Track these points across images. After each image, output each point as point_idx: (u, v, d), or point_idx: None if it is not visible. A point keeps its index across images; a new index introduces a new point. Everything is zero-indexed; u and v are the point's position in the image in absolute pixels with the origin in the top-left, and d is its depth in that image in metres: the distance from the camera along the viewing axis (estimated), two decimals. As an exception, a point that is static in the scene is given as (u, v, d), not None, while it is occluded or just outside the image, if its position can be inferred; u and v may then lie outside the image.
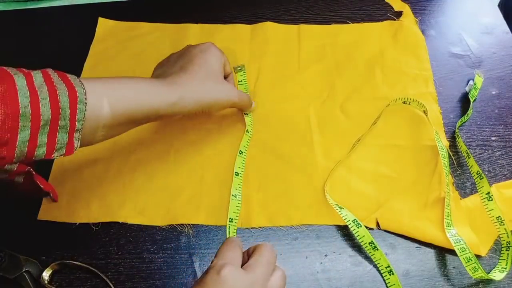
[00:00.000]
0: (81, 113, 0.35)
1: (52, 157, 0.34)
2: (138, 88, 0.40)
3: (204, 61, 0.46)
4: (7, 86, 0.31)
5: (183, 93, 0.42)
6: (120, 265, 0.43)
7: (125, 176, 0.48)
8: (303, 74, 0.56)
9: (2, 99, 0.31)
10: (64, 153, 0.35)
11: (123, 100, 0.38)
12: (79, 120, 0.35)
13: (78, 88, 0.35)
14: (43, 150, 0.34)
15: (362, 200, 0.46)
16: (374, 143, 0.50)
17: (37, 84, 0.33)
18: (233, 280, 0.32)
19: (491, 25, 0.60)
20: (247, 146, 0.50)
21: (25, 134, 0.32)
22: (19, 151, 0.32)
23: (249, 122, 0.51)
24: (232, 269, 0.33)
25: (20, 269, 0.41)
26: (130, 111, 0.39)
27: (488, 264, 0.43)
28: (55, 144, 0.34)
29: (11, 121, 0.31)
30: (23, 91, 0.32)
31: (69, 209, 0.46)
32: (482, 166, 0.48)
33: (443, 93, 0.54)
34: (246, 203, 0.46)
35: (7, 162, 0.33)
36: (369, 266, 0.43)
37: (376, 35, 0.59)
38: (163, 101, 0.41)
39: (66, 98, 0.34)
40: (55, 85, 0.34)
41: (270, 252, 0.36)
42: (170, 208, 0.46)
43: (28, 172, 0.35)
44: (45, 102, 0.33)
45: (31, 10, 0.63)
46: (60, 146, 0.35)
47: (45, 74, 0.34)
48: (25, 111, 0.32)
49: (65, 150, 0.35)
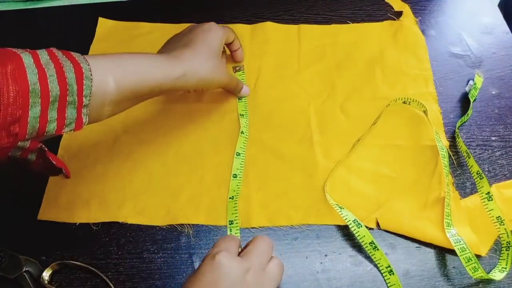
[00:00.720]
0: (87, 89, 0.36)
1: (62, 132, 0.35)
2: (142, 63, 0.41)
3: (207, 39, 0.47)
4: (15, 65, 0.32)
5: (186, 68, 0.44)
6: (120, 265, 0.43)
7: (125, 176, 0.48)
8: (303, 74, 0.56)
9: (12, 77, 0.32)
10: (73, 128, 0.36)
11: (127, 75, 0.39)
12: (86, 96, 0.36)
13: (83, 65, 0.36)
14: (53, 125, 0.35)
15: (362, 200, 0.46)
16: (374, 143, 0.50)
17: (44, 61, 0.34)
18: (228, 265, 0.34)
19: (491, 25, 0.60)
20: (244, 147, 0.50)
21: (36, 110, 0.33)
22: (31, 127, 0.33)
23: (244, 123, 0.51)
24: (227, 255, 0.34)
25: (20, 269, 0.41)
26: (135, 86, 0.40)
27: (488, 264, 0.43)
28: (65, 120, 0.35)
29: (22, 98, 0.32)
30: (31, 68, 0.33)
31: (69, 209, 0.46)
32: (482, 166, 0.48)
33: (443, 93, 0.54)
34: (246, 203, 0.46)
35: (20, 138, 0.33)
36: (369, 266, 0.43)
37: (376, 35, 0.59)
38: (167, 76, 0.42)
39: (73, 74, 0.35)
40: (61, 62, 0.34)
41: (265, 242, 0.37)
42: (170, 208, 0.46)
43: (41, 148, 0.36)
44: (53, 79, 0.33)
45: (31, 10, 0.63)
46: (70, 121, 0.35)
47: (50, 52, 0.35)
48: (35, 88, 0.33)
49: (74, 125, 0.36)
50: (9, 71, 0.32)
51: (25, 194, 0.47)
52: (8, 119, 0.32)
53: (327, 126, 0.51)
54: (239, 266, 0.34)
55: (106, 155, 0.50)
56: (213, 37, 0.48)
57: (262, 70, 0.56)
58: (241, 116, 0.52)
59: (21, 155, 0.35)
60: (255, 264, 0.35)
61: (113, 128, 0.51)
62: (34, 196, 0.47)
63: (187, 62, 0.44)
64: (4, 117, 0.32)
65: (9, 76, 0.32)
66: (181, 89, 0.46)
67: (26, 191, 0.47)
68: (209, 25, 0.49)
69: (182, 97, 0.54)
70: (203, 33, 0.48)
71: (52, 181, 0.48)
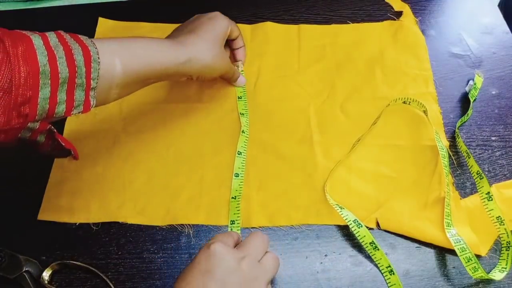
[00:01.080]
0: (95, 72, 0.36)
1: (71, 114, 0.36)
2: (149, 47, 0.42)
3: (212, 27, 0.48)
4: (26, 46, 0.32)
5: (191, 53, 0.44)
6: (120, 265, 0.43)
7: (125, 176, 0.48)
8: (303, 74, 0.56)
9: (23, 58, 0.32)
10: (82, 111, 0.36)
11: (134, 59, 0.40)
12: (93, 79, 0.36)
13: (91, 48, 0.36)
14: (63, 107, 0.35)
15: (362, 200, 0.46)
16: (374, 143, 0.50)
17: (53, 44, 0.34)
18: (223, 253, 0.35)
19: (491, 25, 0.60)
20: (245, 146, 0.50)
21: (46, 92, 0.33)
22: (41, 108, 0.34)
23: (244, 122, 0.51)
24: (222, 245, 0.35)
25: (20, 269, 0.41)
26: (141, 69, 0.41)
27: (488, 264, 0.43)
28: (74, 102, 0.35)
29: (32, 79, 0.32)
30: (41, 50, 0.33)
31: (69, 209, 0.46)
32: (482, 166, 0.48)
33: (443, 93, 0.54)
34: (246, 203, 0.46)
35: (30, 119, 0.34)
36: (369, 266, 0.43)
37: (376, 35, 0.59)
38: (172, 60, 0.43)
39: (81, 57, 0.35)
40: (69, 44, 0.35)
41: (260, 237, 0.38)
42: (170, 208, 0.46)
43: (50, 130, 0.36)
44: (62, 61, 0.34)
45: (31, 10, 0.63)
46: (78, 103, 0.36)
47: (59, 35, 0.35)
48: (45, 69, 0.33)
49: (82, 107, 0.36)
50: (20, 53, 0.32)
51: (25, 194, 0.47)
52: (19, 99, 0.32)
53: (327, 126, 0.51)
54: (234, 255, 0.35)
55: (106, 155, 0.50)
56: (217, 25, 0.49)
57: (262, 70, 0.56)
58: (241, 115, 0.52)
59: (30, 137, 0.36)
60: (250, 254, 0.36)
61: (113, 128, 0.51)
62: (34, 196, 0.47)
63: (191, 47, 0.45)
64: (15, 97, 0.32)
65: (20, 57, 0.32)
66: (185, 75, 0.46)
67: (26, 191, 0.47)
68: (215, 14, 0.50)
69: (182, 97, 0.54)
70: (208, 20, 0.49)
71: (52, 181, 0.48)
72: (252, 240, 0.38)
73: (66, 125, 0.51)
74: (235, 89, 0.54)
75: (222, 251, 0.35)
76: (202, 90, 0.54)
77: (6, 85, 0.31)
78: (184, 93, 0.54)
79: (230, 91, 0.54)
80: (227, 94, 0.54)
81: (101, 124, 0.52)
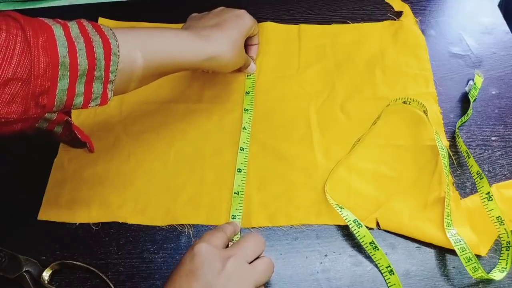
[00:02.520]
0: (114, 65, 0.36)
1: (88, 106, 0.35)
2: (172, 42, 0.41)
3: (238, 25, 0.48)
4: (46, 36, 0.32)
5: (216, 51, 0.44)
6: (120, 265, 0.43)
7: (125, 176, 0.48)
8: (303, 74, 0.56)
9: (43, 49, 0.32)
10: (99, 103, 0.36)
11: (156, 54, 0.39)
12: (112, 72, 0.36)
13: (112, 40, 0.36)
14: (80, 99, 0.35)
15: (362, 200, 0.46)
16: (374, 143, 0.50)
17: (74, 35, 0.34)
18: (206, 254, 0.34)
19: (491, 25, 0.60)
20: (247, 142, 0.50)
21: (64, 83, 0.33)
22: (58, 100, 0.34)
23: (247, 119, 0.51)
24: (205, 245, 0.35)
25: (20, 269, 0.42)
26: (163, 65, 0.40)
27: (488, 264, 0.43)
28: (91, 94, 0.35)
29: (52, 70, 0.32)
30: (61, 41, 0.33)
31: (69, 209, 0.46)
32: (482, 166, 0.48)
33: (443, 93, 0.54)
34: (246, 202, 0.46)
35: (48, 110, 0.34)
36: (369, 266, 0.43)
37: (376, 35, 0.59)
38: (195, 57, 0.43)
39: (101, 49, 0.35)
40: (91, 36, 0.35)
41: (253, 239, 0.38)
42: (170, 208, 0.46)
43: (67, 121, 0.36)
44: (82, 53, 0.34)
45: (31, 10, 0.63)
46: (96, 96, 0.36)
47: (81, 25, 0.35)
48: (64, 61, 0.33)
49: (100, 100, 0.36)
50: (40, 43, 0.32)
51: (25, 194, 0.47)
52: (38, 90, 0.32)
53: (327, 126, 0.51)
54: (219, 254, 0.35)
55: (106, 155, 0.50)
56: (244, 25, 0.49)
57: (262, 70, 0.56)
58: (245, 111, 0.52)
59: (47, 127, 0.36)
60: (238, 254, 0.36)
61: (113, 128, 0.51)
62: (34, 196, 0.47)
63: (216, 45, 0.44)
64: (34, 87, 0.32)
65: (40, 47, 0.32)
66: (205, 69, 0.47)
67: (26, 191, 0.47)
68: (242, 12, 0.50)
69: (183, 97, 0.54)
70: (236, 18, 0.48)
71: (52, 181, 0.48)
72: (243, 241, 0.38)
73: (66, 125, 0.51)
74: (236, 89, 0.54)
75: (205, 251, 0.35)
76: (203, 91, 0.54)
77: (25, 75, 0.31)
78: (185, 93, 0.54)
79: (230, 91, 0.54)
80: (228, 94, 0.54)
81: (101, 124, 0.52)
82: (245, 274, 0.35)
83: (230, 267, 0.34)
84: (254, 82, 0.55)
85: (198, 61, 0.43)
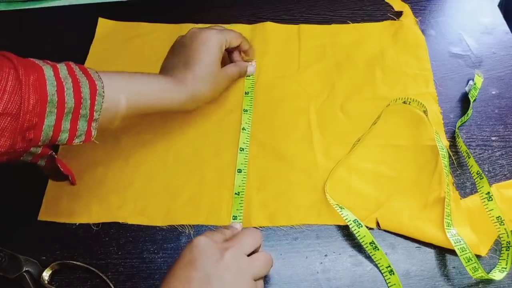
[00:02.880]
0: (99, 104, 0.38)
1: (73, 143, 0.38)
2: (153, 87, 0.44)
3: (204, 55, 0.47)
4: (37, 76, 0.35)
5: (191, 93, 0.46)
6: (120, 265, 0.43)
7: (125, 176, 0.48)
8: (303, 74, 0.56)
9: (33, 87, 0.34)
10: (83, 140, 0.38)
11: (138, 96, 0.42)
12: (97, 111, 0.38)
13: (97, 82, 0.38)
14: (66, 135, 0.37)
15: (362, 200, 0.46)
16: (374, 143, 0.50)
17: (63, 75, 0.36)
18: (204, 245, 0.35)
19: (491, 25, 0.60)
20: (247, 142, 0.50)
21: (51, 119, 0.36)
22: (45, 135, 0.36)
23: (246, 119, 0.51)
24: (204, 238, 0.36)
25: (20, 269, 0.42)
26: (144, 106, 0.43)
27: (488, 264, 0.43)
28: (76, 131, 0.37)
29: (40, 106, 0.35)
30: (51, 80, 0.35)
31: (69, 209, 0.46)
32: (482, 166, 0.48)
33: (443, 93, 0.54)
34: (246, 203, 0.46)
35: (33, 144, 0.36)
36: (369, 266, 0.43)
37: (376, 35, 0.59)
38: (175, 100, 0.45)
39: (87, 89, 0.37)
40: (78, 77, 0.37)
41: (251, 233, 0.39)
42: (170, 209, 0.46)
43: (51, 155, 0.38)
44: (69, 92, 0.36)
45: (31, 10, 0.63)
46: (80, 133, 0.38)
47: (69, 67, 0.38)
48: (52, 99, 0.35)
49: (84, 137, 0.38)
50: (31, 81, 0.34)
51: (25, 194, 0.47)
52: (26, 125, 0.34)
53: (327, 126, 0.51)
54: (217, 246, 0.36)
55: (106, 155, 0.50)
56: (212, 48, 0.48)
57: (262, 70, 0.56)
58: (245, 112, 0.52)
59: (32, 160, 0.38)
60: (236, 247, 0.36)
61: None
62: (34, 196, 0.47)
63: (190, 87, 0.46)
64: (22, 122, 0.34)
65: (30, 85, 0.34)
66: (190, 110, 0.48)
67: (26, 191, 0.47)
68: (207, 34, 0.48)
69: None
70: (202, 46, 0.47)
71: (52, 182, 0.48)
72: (241, 234, 0.38)
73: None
74: (235, 90, 0.54)
75: (204, 243, 0.35)
76: None
77: (14, 110, 0.33)
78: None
79: (230, 92, 0.54)
80: (227, 95, 0.54)
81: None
82: (243, 265, 0.36)
83: (228, 258, 0.35)
84: (254, 82, 0.55)
85: (178, 104, 0.45)
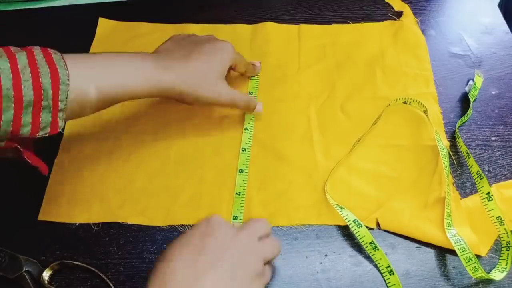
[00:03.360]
0: (63, 94, 0.36)
1: (37, 135, 0.36)
2: (128, 72, 0.41)
3: (212, 59, 0.46)
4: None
5: (174, 83, 0.43)
6: (120, 265, 0.43)
7: (125, 176, 0.48)
8: (304, 74, 0.56)
9: None
10: (49, 132, 0.36)
11: (110, 85, 0.40)
12: (62, 101, 0.36)
13: (60, 70, 0.36)
14: (27, 129, 0.35)
15: (362, 200, 0.46)
16: (374, 143, 0.50)
17: (21, 67, 0.34)
18: (222, 222, 0.36)
19: (491, 25, 0.60)
20: (249, 143, 0.50)
21: (9, 115, 0.34)
22: (3, 131, 0.34)
23: (249, 119, 0.51)
24: (220, 218, 0.37)
25: (20, 269, 0.42)
26: (117, 95, 0.40)
27: (488, 264, 0.43)
28: (39, 124, 0.35)
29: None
30: (6, 73, 0.33)
31: (69, 209, 0.46)
32: (482, 166, 0.48)
33: (443, 93, 0.53)
34: (246, 202, 0.46)
35: None
36: (369, 266, 0.43)
37: (376, 35, 0.59)
38: (151, 88, 0.42)
39: (48, 79, 0.35)
40: (38, 67, 0.35)
41: (261, 221, 0.39)
42: (171, 209, 0.46)
43: (16, 149, 0.37)
44: (27, 84, 0.34)
45: (31, 10, 0.63)
46: (44, 125, 0.36)
47: (30, 56, 0.35)
48: (7, 93, 0.33)
49: (49, 129, 0.36)
50: None
51: (25, 194, 0.47)
52: None
53: (327, 126, 0.51)
54: (233, 225, 0.37)
55: (106, 155, 0.50)
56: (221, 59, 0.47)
57: (262, 70, 0.56)
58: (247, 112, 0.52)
59: None
60: (249, 229, 0.37)
61: (114, 129, 0.51)
62: (34, 196, 0.47)
63: (175, 76, 0.43)
64: None
65: None
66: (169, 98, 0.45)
67: (26, 191, 0.47)
68: (225, 44, 0.48)
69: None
70: (215, 51, 0.47)
71: (52, 181, 0.48)
72: (252, 221, 0.39)
73: (67, 126, 0.51)
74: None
75: (222, 220, 0.37)
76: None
77: None
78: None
79: (230, 91, 0.54)
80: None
81: (102, 125, 0.52)
82: (255, 247, 0.37)
83: (243, 237, 0.36)
84: (258, 83, 0.55)
85: (155, 91, 0.42)
